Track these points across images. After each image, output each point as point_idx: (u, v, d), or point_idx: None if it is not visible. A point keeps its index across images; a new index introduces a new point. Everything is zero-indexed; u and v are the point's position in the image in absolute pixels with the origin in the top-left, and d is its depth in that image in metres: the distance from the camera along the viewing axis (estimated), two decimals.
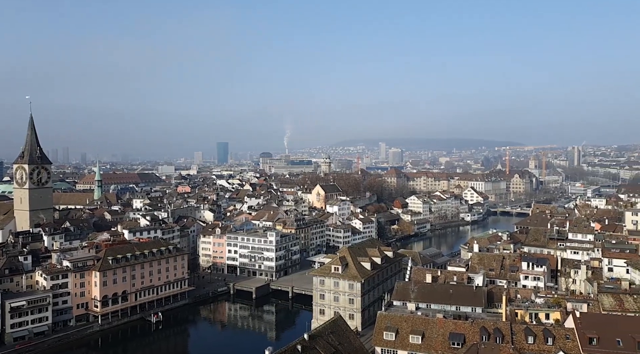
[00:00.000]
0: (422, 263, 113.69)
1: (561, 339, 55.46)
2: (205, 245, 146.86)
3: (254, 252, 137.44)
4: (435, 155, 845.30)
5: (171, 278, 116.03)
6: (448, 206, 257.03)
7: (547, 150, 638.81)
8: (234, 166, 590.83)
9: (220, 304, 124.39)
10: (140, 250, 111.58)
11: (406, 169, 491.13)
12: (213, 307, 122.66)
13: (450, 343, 57.81)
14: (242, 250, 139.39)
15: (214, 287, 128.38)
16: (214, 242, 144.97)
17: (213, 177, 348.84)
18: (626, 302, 67.36)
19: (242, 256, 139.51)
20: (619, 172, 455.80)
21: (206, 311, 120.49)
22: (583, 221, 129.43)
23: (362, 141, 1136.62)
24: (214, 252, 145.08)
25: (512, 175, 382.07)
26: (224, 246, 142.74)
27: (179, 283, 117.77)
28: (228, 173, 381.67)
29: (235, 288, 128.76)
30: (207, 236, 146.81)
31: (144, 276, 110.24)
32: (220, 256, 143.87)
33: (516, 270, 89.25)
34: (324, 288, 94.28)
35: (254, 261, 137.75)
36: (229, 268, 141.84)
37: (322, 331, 59.31)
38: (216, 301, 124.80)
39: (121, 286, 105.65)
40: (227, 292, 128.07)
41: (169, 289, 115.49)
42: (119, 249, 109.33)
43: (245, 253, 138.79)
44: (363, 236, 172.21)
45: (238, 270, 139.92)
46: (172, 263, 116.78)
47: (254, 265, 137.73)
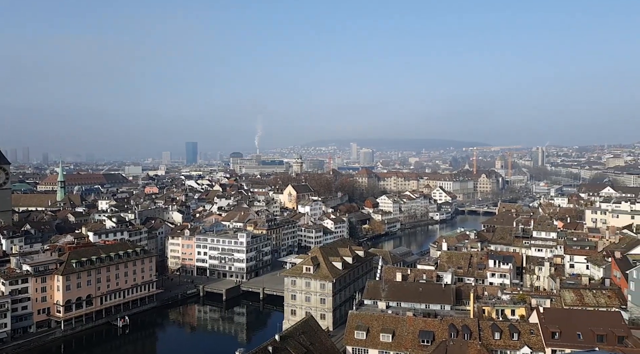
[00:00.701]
0: (392, 262, 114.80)
1: (526, 335, 57.07)
2: (174, 247, 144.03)
3: (224, 253, 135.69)
4: (405, 156, 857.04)
5: (138, 281, 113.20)
6: (417, 206, 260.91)
7: (513, 151, 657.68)
8: (204, 166, 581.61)
9: (189, 307, 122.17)
10: (105, 252, 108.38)
11: (377, 169, 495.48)
12: (182, 310, 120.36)
13: (420, 340, 58.57)
14: (212, 252, 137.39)
15: (183, 289, 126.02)
16: (183, 244, 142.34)
17: (182, 177, 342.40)
18: (586, 297, 69.96)
19: (212, 257, 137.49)
20: (579, 171, 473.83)
21: (175, 314, 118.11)
22: (546, 219, 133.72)
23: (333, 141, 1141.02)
24: (183, 254, 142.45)
25: (479, 175, 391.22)
26: (193, 248, 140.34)
27: (146, 285, 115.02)
28: (197, 174, 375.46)
29: (205, 290, 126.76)
30: (176, 237, 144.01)
31: (109, 280, 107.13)
32: (190, 258, 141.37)
33: (483, 268, 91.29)
34: (295, 289, 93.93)
35: (224, 262, 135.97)
36: (199, 270, 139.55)
37: (293, 331, 59.03)
38: (185, 303, 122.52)
39: (85, 290, 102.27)
40: (197, 294, 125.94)
41: (136, 292, 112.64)
42: (83, 252, 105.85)
43: (215, 254, 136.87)
44: (335, 236, 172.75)
45: (208, 271, 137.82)
46: (140, 266, 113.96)
47: (224, 266, 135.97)
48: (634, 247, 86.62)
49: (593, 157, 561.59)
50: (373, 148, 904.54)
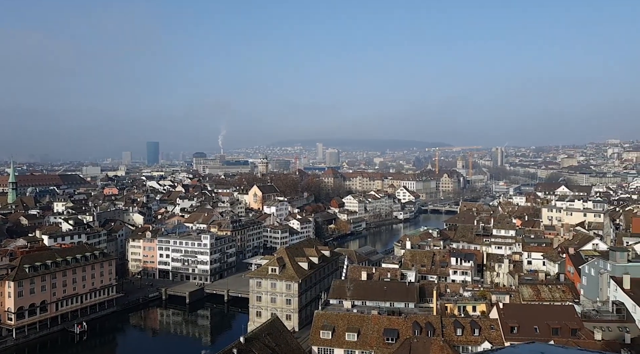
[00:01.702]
0: (358, 261, 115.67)
1: (486, 330, 58.69)
2: (135, 250, 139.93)
3: (188, 256, 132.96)
4: (370, 156, 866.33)
5: (97, 285, 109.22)
6: (382, 205, 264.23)
7: (473, 151, 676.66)
8: (166, 166, 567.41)
9: (151, 311, 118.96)
10: (61, 256, 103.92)
11: (343, 169, 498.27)
12: (144, 314, 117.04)
13: (384, 338, 59.22)
14: (175, 254, 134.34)
15: (144, 293, 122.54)
16: (145, 246, 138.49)
17: (143, 178, 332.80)
18: (542, 292, 72.66)
19: (174, 260, 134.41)
20: (536, 171, 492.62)
21: (136, 319, 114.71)
22: (505, 218, 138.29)
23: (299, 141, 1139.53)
24: (145, 256, 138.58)
25: (442, 174, 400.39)
26: (155, 251, 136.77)
27: (105, 290, 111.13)
28: (159, 174, 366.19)
29: (168, 293, 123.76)
30: (137, 240, 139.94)
31: (66, 285, 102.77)
32: (151, 261, 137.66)
33: (446, 266, 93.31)
34: (260, 290, 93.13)
35: (187, 265, 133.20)
36: (161, 273, 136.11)
37: (258, 333, 58.48)
38: (147, 307, 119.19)
39: (40, 296, 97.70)
40: (159, 298, 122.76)
41: (95, 297, 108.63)
42: (37, 256, 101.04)
43: (178, 256, 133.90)
44: (301, 236, 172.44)
45: (171, 274, 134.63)
46: (98, 270, 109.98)
47: (188, 268, 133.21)
48: (586, 243, 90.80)
49: (549, 157, 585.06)
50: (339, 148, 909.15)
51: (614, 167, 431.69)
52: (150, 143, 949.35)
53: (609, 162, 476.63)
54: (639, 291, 60.28)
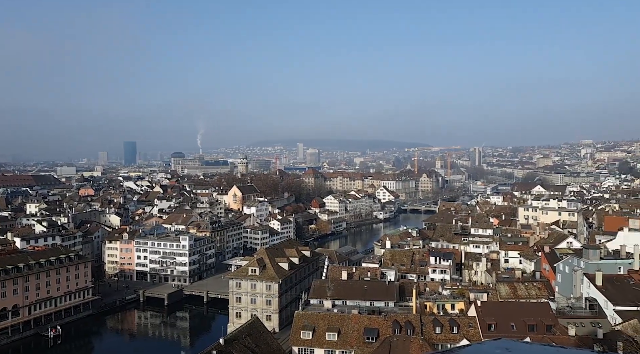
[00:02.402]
0: (338, 261, 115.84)
1: (465, 328, 59.47)
2: (112, 251, 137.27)
3: (166, 257, 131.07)
4: (351, 156, 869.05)
5: (72, 288, 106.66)
6: (362, 205, 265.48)
7: (452, 151, 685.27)
8: (143, 167, 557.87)
9: (128, 314, 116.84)
10: (35, 259, 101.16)
11: (323, 169, 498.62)
12: (121, 317, 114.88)
13: (364, 337, 59.44)
14: (153, 255, 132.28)
15: (121, 295, 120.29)
16: (122, 248, 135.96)
17: (120, 178, 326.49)
18: (519, 290, 74.06)
19: (152, 261, 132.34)
20: (513, 171, 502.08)
21: (113, 322, 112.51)
22: (483, 217, 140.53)
23: (280, 141, 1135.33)
24: (122, 258, 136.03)
25: (421, 174, 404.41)
26: (133, 252, 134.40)
27: (81, 293, 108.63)
28: (136, 175, 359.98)
29: (146, 295, 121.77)
30: (114, 241, 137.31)
31: (39, 288, 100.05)
32: (129, 263, 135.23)
33: (425, 265, 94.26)
34: (240, 291, 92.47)
35: (165, 266, 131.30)
36: (139, 275, 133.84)
37: (238, 334, 58.06)
38: (124, 310, 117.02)
39: (11, 300, 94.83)
40: (137, 300, 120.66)
41: (70, 300, 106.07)
42: (8, 259, 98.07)
43: (156, 258, 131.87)
44: (281, 236, 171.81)
45: (149, 276, 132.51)
46: (74, 272, 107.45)
47: (166, 270, 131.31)
48: (561, 242, 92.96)
49: (525, 157, 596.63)
50: (319, 148, 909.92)
51: (587, 166, 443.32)
52: (127, 143, 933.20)
53: (582, 162, 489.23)
54: (610, 287, 62.02)
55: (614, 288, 61.65)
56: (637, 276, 64.66)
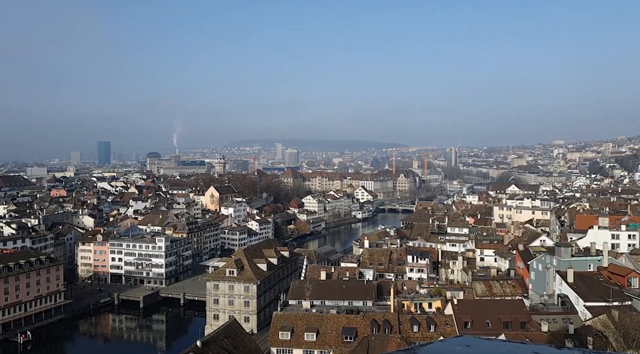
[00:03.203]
0: (317, 261, 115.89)
1: (441, 326, 60.20)
2: (85, 254, 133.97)
3: (141, 259, 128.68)
4: (329, 156, 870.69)
5: (43, 292, 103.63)
6: (341, 205, 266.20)
7: (429, 151, 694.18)
8: (118, 167, 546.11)
9: (103, 317, 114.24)
10: (3, 262, 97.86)
11: (302, 169, 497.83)
12: (94, 320, 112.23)
13: (343, 337, 59.56)
14: (128, 257, 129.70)
15: (95, 298, 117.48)
16: (95, 250, 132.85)
17: (93, 179, 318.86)
18: (494, 287, 75.44)
19: (127, 263, 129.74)
20: (488, 171, 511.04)
21: (86, 326, 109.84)
22: (459, 216, 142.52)
23: (258, 141, 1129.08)
24: (96, 261, 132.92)
25: (398, 174, 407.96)
26: (107, 254, 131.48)
27: (52, 296, 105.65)
28: (111, 175, 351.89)
29: (120, 298, 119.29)
30: (87, 243, 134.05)
31: (8, 292, 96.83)
32: (103, 265, 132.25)
33: (402, 264, 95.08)
34: (218, 293, 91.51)
35: (141, 268, 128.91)
36: (113, 277, 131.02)
37: (215, 336, 57.42)
38: (98, 313, 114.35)
39: None
40: (111, 303, 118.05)
41: (41, 304, 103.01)
42: None
43: (132, 260, 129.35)
44: (260, 237, 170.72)
45: (123, 278, 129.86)
46: (45, 275, 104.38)
47: (142, 272, 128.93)
48: (534, 240, 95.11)
49: (500, 157, 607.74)
50: (298, 148, 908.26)
51: (560, 166, 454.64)
52: (101, 143, 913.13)
53: (555, 161, 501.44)
54: (581, 284, 63.74)
55: (584, 285, 63.39)
56: (606, 273, 66.64)
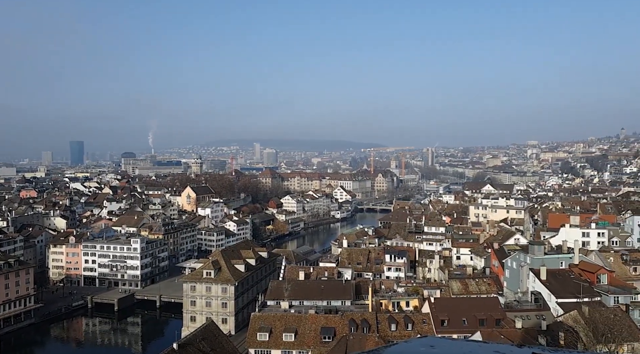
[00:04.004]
0: (295, 261, 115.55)
1: (419, 324, 60.77)
2: (57, 256, 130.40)
3: (116, 261, 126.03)
4: (308, 156, 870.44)
5: (12, 296, 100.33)
6: (320, 205, 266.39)
7: (406, 152, 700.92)
8: (91, 167, 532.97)
9: (75, 321, 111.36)
10: None
11: (281, 169, 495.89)
12: (67, 324, 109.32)
13: (321, 337, 59.51)
14: (102, 259, 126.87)
15: (67, 302, 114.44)
16: (68, 252, 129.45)
17: (66, 179, 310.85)
18: (470, 285, 76.60)
19: (101, 266, 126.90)
20: (464, 170, 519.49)
21: (58, 330, 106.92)
22: (436, 215, 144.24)
23: (236, 141, 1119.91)
24: (68, 263, 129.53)
25: (376, 174, 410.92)
26: (80, 256, 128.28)
27: (22, 301, 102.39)
28: (84, 176, 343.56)
29: (94, 301, 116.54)
30: (59, 245, 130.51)
31: None
32: (76, 268, 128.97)
33: (380, 263, 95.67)
34: (195, 294, 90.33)
35: (115, 270, 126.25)
36: (87, 280, 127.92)
37: (192, 338, 56.59)
38: (71, 317, 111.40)
39: None
40: (84, 306, 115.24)
41: (9, 309, 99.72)
42: None
43: (106, 262, 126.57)
44: (237, 238, 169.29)
45: (97, 281, 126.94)
46: (13, 279, 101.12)
47: (116, 274, 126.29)
48: (509, 238, 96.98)
49: (475, 157, 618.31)
50: (277, 148, 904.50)
51: (533, 166, 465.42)
52: (73, 142, 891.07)
53: (528, 161, 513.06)
54: (553, 281, 65.30)
55: (556, 282, 64.95)
56: (576, 270, 68.46)
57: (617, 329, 49.68)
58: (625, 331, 50.16)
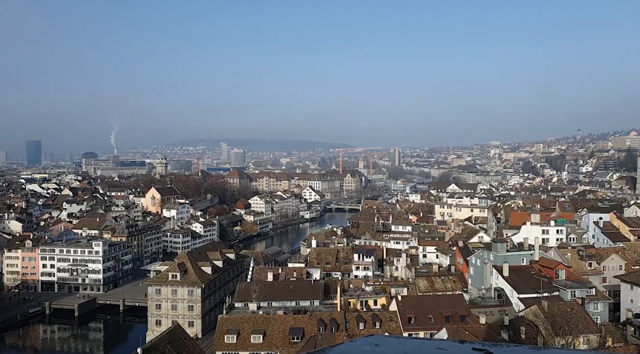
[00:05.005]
0: (264, 262, 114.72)
1: (387, 322, 61.39)
2: (12, 261, 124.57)
3: (76, 265, 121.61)
4: (277, 156, 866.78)
5: None
6: (289, 205, 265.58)
7: (374, 152, 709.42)
8: (50, 168, 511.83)
9: (32, 328, 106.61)
10: None
11: (249, 170, 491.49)
12: (23, 332, 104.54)
13: (290, 337, 59.21)
14: (61, 264, 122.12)
15: (23, 309, 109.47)
16: (24, 257, 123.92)
17: (21, 180, 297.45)
18: (436, 283, 78.02)
19: (61, 270, 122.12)
20: (430, 170, 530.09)
21: (13, 338, 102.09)
22: (403, 214, 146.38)
23: (202, 141, 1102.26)
24: (24, 268, 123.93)
25: (345, 174, 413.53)
26: (37, 261, 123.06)
27: None
28: (41, 177, 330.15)
29: (52, 307, 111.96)
30: (14, 250, 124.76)
31: None
32: (33, 273, 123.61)
33: (349, 262, 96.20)
34: (160, 297, 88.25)
35: (76, 275, 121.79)
36: (44, 285, 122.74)
37: (157, 343, 55.19)
38: (27, 324, 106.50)
39: None
40: (42, 312, 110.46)
41: None
42: None
43: (65, 266, 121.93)
44: (204, 240, 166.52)
45: (56, 286, 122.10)
46: None
47: (77, 279, 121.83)
48: (473, 236, 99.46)
49: (441, 157, 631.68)
50: (245, 148, 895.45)
51: (496, 166, 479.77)
52: (30, 142, 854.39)
53: (491, 161, 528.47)
54: (515, 277, 67.30)
55: (518, 278, 66.98)
56: (537, 266, 70.83)
57: (573, 322, 51.63)
58: (581, 324, 52.22)
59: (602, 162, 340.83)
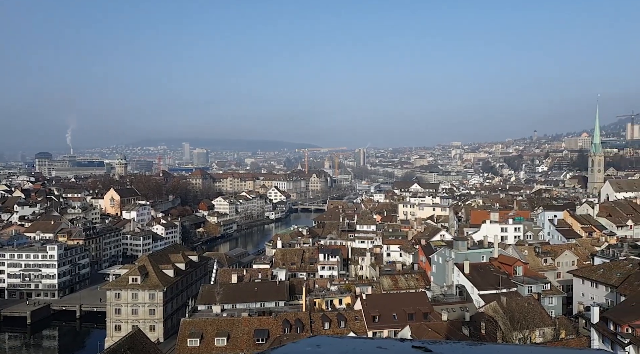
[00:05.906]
0: (228, 264, 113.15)
1: (351, 321, 61.74)
2: None
3: (29, 270, 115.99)
4: (241, 156, 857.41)
5: None
6: (254, 206, 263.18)
7: (339, 152, 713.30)
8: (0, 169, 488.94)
9: None
10: None
11: (212, 170, 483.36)
12: None
13: (255, 339, 58.60)
14: (12, 269, 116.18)
15: None
16: None
17: None
18: (400, 281, 79.19)
19: (11, 276, 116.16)
20: (394, 170, 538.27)
21: None
22: (367, 214, 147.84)
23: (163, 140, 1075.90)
24: None
25: (311, 174, 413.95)
26: None
27: None
28: None
29: (3, 314, 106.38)
30: None
31: None
32: None
33: (314, 262, 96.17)
34: (120, 302, 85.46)
35: (28, 280, 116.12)
36: None
37: (117, 348, 53.30)
38: None
39: None
40: None
41: None
42: None
43: (17, 272, 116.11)
44: (166, 242, 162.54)
45: (6, 293, 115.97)
46: None
47: (29, 285, 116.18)
48: (435, 235, 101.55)
49: (404, 158, 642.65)
50: (208, 148, 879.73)
51: (457, 166, 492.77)
52: None
53: (452, 161, 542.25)
54: (476, 274, 69.18)
55: (478, 275, 68.89)
56: (496, 263, 73.11)
57: (530, 316, 53.59)
58: (537, 318, 54.27)
59: (556, 162, 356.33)
